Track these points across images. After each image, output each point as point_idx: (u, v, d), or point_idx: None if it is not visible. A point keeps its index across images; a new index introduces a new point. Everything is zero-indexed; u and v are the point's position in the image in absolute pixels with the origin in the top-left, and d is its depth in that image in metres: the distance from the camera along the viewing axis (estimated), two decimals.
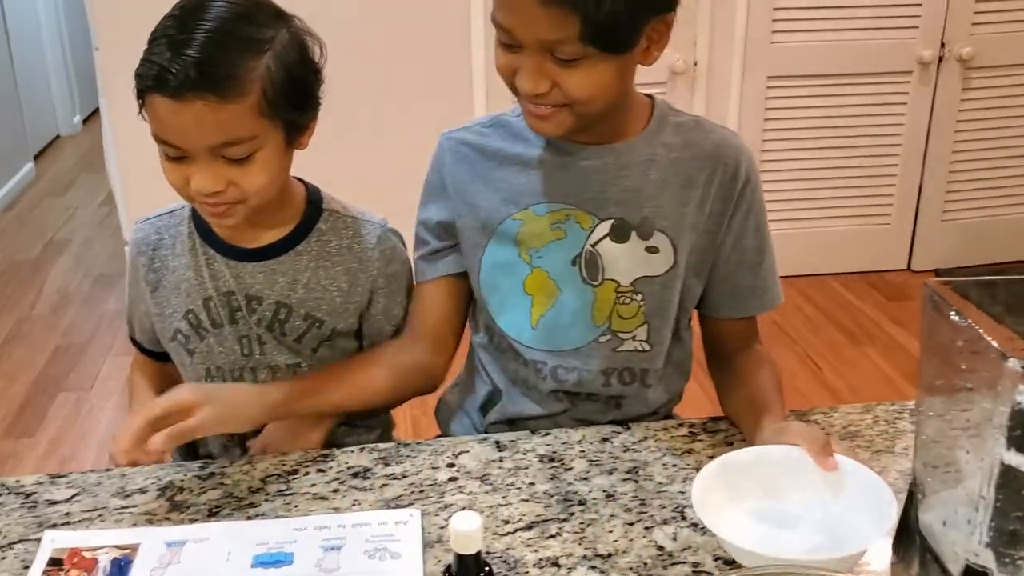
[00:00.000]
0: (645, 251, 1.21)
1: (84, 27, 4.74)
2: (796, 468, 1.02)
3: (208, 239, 1.25)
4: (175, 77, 1.07)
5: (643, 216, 1.21)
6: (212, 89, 1.08)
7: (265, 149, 1.14)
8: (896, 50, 3.29)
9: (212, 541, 1.05)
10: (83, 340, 3.27)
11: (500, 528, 1.05)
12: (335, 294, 1.25)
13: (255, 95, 1.11)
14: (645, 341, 1.25)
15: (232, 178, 1.13)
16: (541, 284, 1.24)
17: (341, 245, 1.26)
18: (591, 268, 1.22)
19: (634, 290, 1.22)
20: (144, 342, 1.37)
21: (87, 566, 1.02)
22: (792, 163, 3.38)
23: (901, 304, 3.39)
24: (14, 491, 1.14)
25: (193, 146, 1.11)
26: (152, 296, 1.28)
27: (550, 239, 1.22)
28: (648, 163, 1.21)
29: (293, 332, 1.25)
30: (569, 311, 1.23)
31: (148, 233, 1.29)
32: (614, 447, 1.20)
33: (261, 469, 1.17)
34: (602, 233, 1.21)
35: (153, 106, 1.11)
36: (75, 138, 5.68)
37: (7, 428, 2.76)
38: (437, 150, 1.30)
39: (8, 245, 4.13)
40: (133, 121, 1.17)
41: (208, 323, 1.25)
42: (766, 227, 1.28)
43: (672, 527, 1.05)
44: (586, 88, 1.09)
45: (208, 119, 1.09)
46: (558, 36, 1.05)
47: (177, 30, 1.10)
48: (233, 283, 1.24)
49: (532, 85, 1.09)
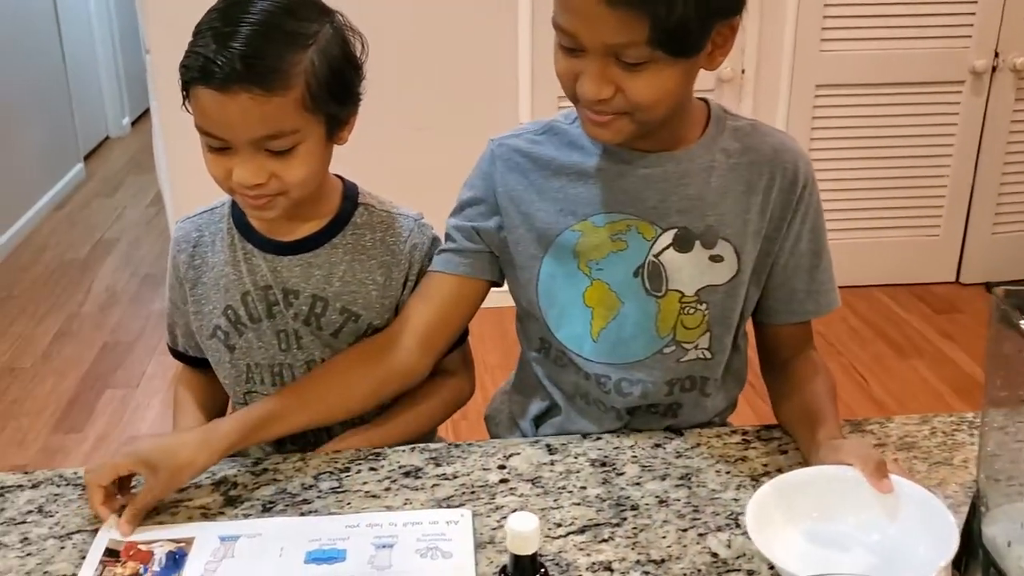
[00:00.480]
0: (709, 260, 1.19)
1: (134, 30, 4.82)
2: (852, 489, 1.00)
3: (246, 233, 1.26)
4: (221, 69, 1.08)
5: (707, 224, 1.19)
6: (257, 82, 1.09)
7: (307, 143, 1.15)
8: (948, 59, 3.25)
9: (265, 536, 1.06)
10: (130, 338, 3.32)
11: (552, 531, 1.05)
12: (371, 287, 1.26)
13: (299, 89, 1.12)
14: (707, 349, 1.23)
15: (274, 170, 1.14)
16: (602, 296, 1.22)
17: (375, 238, 1.27)
18: (654, 279, 1.20)
19: (698, 300, 1.20)
20: (188, 349, 1.37)
21: (143, 558, 1.03)
22: (840, 172, 3.35)
23: (949, 317, 3.34)
24: (72, 482, 1.15)
25: (237, 138, 1.12)
26: (191, 293, 1.29)
27: (610, 250, 1.20)
28: (708, 170, 1.19)
29: (330, 326, 1.25)
30: (632, 323, 1.21)
31: (189, 230, 1.30)
32: (667, 453, 1.19)
33: (314, 466, 1.18)
34: (665, 243, 1.19)
35: (198, 98, 1.11)
36: (124, 139, 5.77)
37: (56, 423, 2.81)
38: (487, 157, 1.26)
39: (58, 244, 4.20)
40: (183, 123, 1.18)
41: (246, 318, 1.26)
42: (823, 230, 1.26)
43: (726, 534, 1.04)
44: (650, 93, 1.07)
45: (253, 112, 1.10)
46: (625, 40, 1.03)
47: (222, 23, 1.11)
48: (270, 276, 1.24)
49: (595, 90, 1.07)
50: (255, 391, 1.29)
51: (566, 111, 1.25)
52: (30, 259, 4.03)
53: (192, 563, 1.02)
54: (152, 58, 3.03)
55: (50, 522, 1.08)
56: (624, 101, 1.08)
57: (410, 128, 3.12)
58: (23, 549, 1.04)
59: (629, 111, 1.09)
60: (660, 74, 1.06)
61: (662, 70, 1.06)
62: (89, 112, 5.34)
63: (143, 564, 1.02)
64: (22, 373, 3.09)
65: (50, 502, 1.12)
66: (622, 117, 1.10)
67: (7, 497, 1.13)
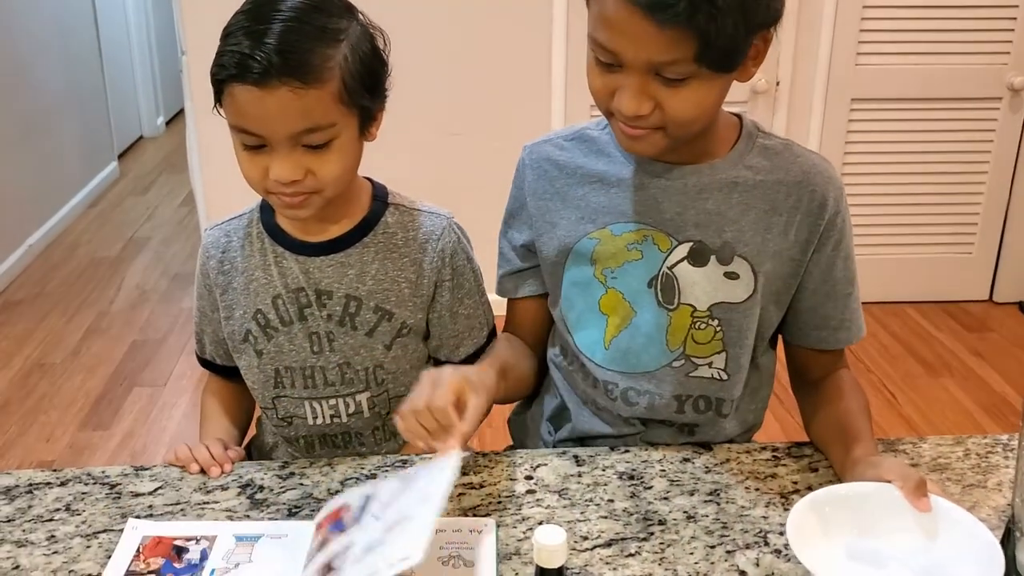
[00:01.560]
0: (724, 276, 1.18)
1: (171, 31, 4.86)
2: (891, 506, 0.99)
3: (276, 236, 1.26)
4: (259, 64, 1.08)
5: (724, 240, 1.18)
6: (296, 75, 1.09)
7: (342, 137, 1.15)
8: (986, 75, 3.21)
9: (289, 538, 1.06)
10: (159, 337, 3.34)
11: (579, 544, 1.04)
12: (403, 285, 1.26)
13: (335, 82, 1.12)
14: (723, 370, 1.22)
15: (310, 167, 1.14)
16: (616, 305, 1.22)
17: (407, 237, 1.26)
18: (667, 291, 1.20)
19: (710, 315, 1.19)
20: (217, 357, 1.36)
21: (165, 551, 1.04)
22: (873, 187, 3.32)
23: (982, 335, 3.30)
24: (100, 481, 1.16)
25: (275, 133, 1.12)
26: (221, 299, 1.29)
27: (626, 259, 1.20)
28: (732, 186, 1.18)
29: (364, 325, 1.25)
30: (643, 333, 1.21)
31: (218, 236, 1.30)
32: (695, 468, 1.18)
33: (340, 471, 1.18)
34: (680, 256, 1.19)
35: (234, 95, 1.11)
36: (157, 139, 5.82)
37: (84, 419, 2.83)
38: (519, 164, 1.30)
39: (91, 241, 4.24)
40: (216, 123, 1.18)
41: (277, 321, 1.25)
42: (854, 258, 1.25)
43: (755, 552, 1.03)
44: (689, 109, 1.07)
45: (292, 105, 1.10)
46: (672, 57, 1.02)
47: (254, 21, 1.11)
48: (303, 278, 1.24)
49: (635, 107, 1.06)
50: (284, 395, 1.29)
51: (598, 119, 1.25)
52: (62, 256, 4.07)
53: (214, 559, 1.03)
54: (188, 59, 3.05)
55: (77, 520, 1.09)
56: (661, 116, 1.08)
57: (444, 133, 3.12)
58: (49, 547, 1.04)
59: (664, 126, 1.09)
60: (700, 89, 1.06)
61: (702, 85, 1.05)
62: (124, 111, 5.40)
63: (164, 558, 1.03)
64: (52, 369, 3.11)
65: (77, 500, 1.12)
66: (657, 131, 1.10)
67: (35, 495, 1.13)
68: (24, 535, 1.06)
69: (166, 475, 1.17)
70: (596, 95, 1.12)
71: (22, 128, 4.01)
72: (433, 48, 2.98)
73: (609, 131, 1.23)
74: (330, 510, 1.06)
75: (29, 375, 3.08)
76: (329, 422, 1.29)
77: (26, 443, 2.71)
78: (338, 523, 1.03)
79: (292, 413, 1.29)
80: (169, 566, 1.02)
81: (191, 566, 1.02)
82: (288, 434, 1.32)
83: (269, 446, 1.37)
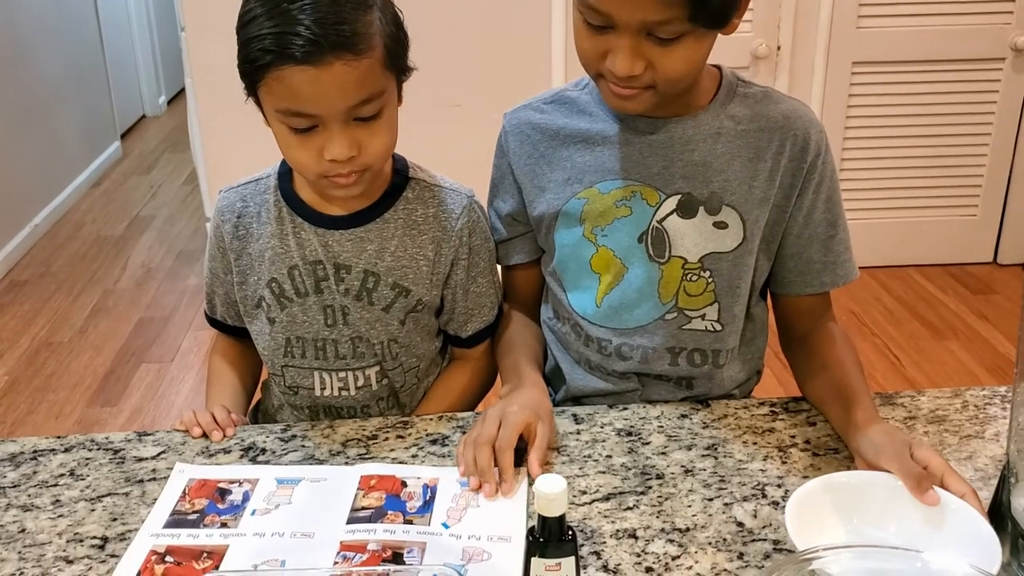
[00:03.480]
0: (713, 227, 1.19)
1: (170, 9, 4.85)
2: (893, 496, 0.98)
3: (295, 207, 1.25)
4: (309, 42, 1.05)
5: (711, 191, 1.19)
6: (348, 47, 1.06)
7: (389, 105, 1.14)
8: (988, 36, 3.19)
9: (328, 482, 1.09)
10: (165, 314, 3.35)
11: (577, 499, 1.05)
12: (422, 263, 1.25)
13: (379, 48, 1.10)
14: (716, 321, 1.23)
15: (361, 141, 1.12)
16: (608, 263, 1.23)
17: (427, 214, 1.26)
18: (658, 245, 1.20)
19: (702, 267, 1.20)
20: (227, 318, 1.36)
21: (209, 493, 1.07)
22: (876, 151, 3.31)
23: (986, 298, 3.30)
24: (103, 447, 1.17)
25: (332, 110, 1.09)
26: (236, 264, 1.28)
27: (615, 216, 1.21)
28: (715, 136, 1.19)
29: (381, 301, 1.25)
30: (635, 288, 1.22)
31: (233, 200, 1.28)
32: (692, 423, 1.19)
33: (342, 433, 1.19)
34: (669, 209, 1.20)
35: (282, 79, 1.07)
36: (160, 118, 5.82)
37: (92, 396, 2.85)
38: (501, 133, 1.30)
39: (95, 220, 4.25)
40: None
41: (292, 292, 1.25)
42: (838, 200, 1.24)
43: (752, 504, 1.03)
44: (681, 66, 1.07)
45: (348, 77, 1.07)
46: (665, 16, 1.02)
47: (279, 1, 1.07)
48: (321, 251, 1.23)
49: (628, 67, 1.06)
50: (294, 364, 1.29)
51: (576, 80, 1.26)
52: (67, 235, 4.08)
53: (255, 501, 1.06)
54: (187, 36, 3.05)
55: (81, 485, 1.10)
56: (652, 75, 1.08)
57: (445, 104, 3.11)
58: (55, 511, 1.06)
59: (655, 84, 1.09)
60: (692, 46, 1.06)
61: (694, 42, 1.06)
62: (126, 91, 5.39)
63: (208, 499, 1.06)
64: (59, 347, 3.13)
65: (81, 466, 1.13)
66: (647, 90, 1.10)
67: (40, 461, 1.15)
68: (29, 500, 1.08)
69: (169, 440, 1.18)
70: (585, 57, 1.12)
71: (24, 109, 4.01)
72: (433, 19, 2.96)
73: (589, 91, 1.24)
74: (381, 472, 1.09)
75: (37, 354, 3.10)
76: (337, 394, 1.30)
77: (35, 421, 2.73)
78: (398, 501, 1.05)
79: (299, 383, 1.30)
80: (213, 506, 1.05)
81: (233, 507, 1.05)
82: (294, 402, 1.33)
83: (275, 407, 1.38)
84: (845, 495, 0.99)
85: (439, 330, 1.34)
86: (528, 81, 3.10)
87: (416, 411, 1.33)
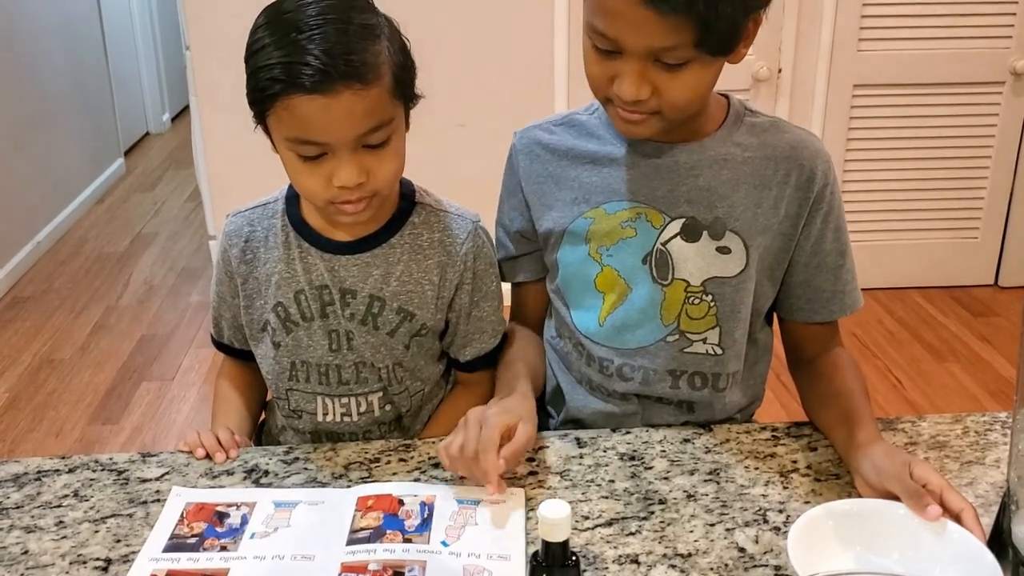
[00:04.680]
0: (716, 251, 1.20)
1: (175, 27, 4.88)
2: (896, 524, 0.98)
3: (302, 231, 1.25)
4: (319, 72, 1.05)
5: (715, 216, 1.20)
6: (358, 77, 1.07)
7: (398, 132, 1.15)
8: (988, 59, 3.21)
9: (326, 505, 1.09)
10: (167, 331, 3.36)
11: (580, 524, 1.05)
12: (427, 288, 1.26)
13: (388, 77, 1.12)
14: (717, 344, 1.23)
15: (370, 167, 1.13)
16: (612, 282, 1.24)
17: (433, 239, 1.26)
18: (661, 267, 1.21)
19: (704, 290, 1.21)
20: (235, 341, 1.36)
21: (207, 516, 1.07)
22: (877, 173, 3.32)
23: (988, 320, 3.30)
24: (107, 468, 1.17)
25: (341, 138, 1.10)
26: (243, 288, 1.29)
27: (620, 237, 1.22)
28: (721, 162, 1.20)
29: (386, 325, 1.25)
30: (637, 309, 1.23)
31: (240, 225, 1.29)
32: (695, 448, 1.19)
33: (344, 456, 1.19)
34: (673, 232, 1.21)
35: (291, 108, 1.08)
36: (163, 135, 5.85)
37: (93, 414, 2.85)
38: (511, 151, 1.31)
39: (98, 237, 4.26)
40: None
41: (298, 316, 1.26)
42: (845, 230, 1.26)
43: (754, 529, 1.04)
44: (687, 93, 1.09)
45: (357, 107, 1.08)
46: (671, 43, 1.03)
47: (286, 30, 1.08)
48: (328, 276, 1.24)
49: (635, 91, 1.08)
50: (298, 388, 1.29)
51: (587, 104, 1.28)
52: (70, 252, 4.09)
53: (254, 524, 1.06)
54: (192, 54, 3.07)
55: (85, 506, 1.10)
56: (658, 101, 1.10)
57: (450, 124, 3.13)
58: (58, 532, 1.06)
59: (661, 110, 1.11)
60: (698, 73, 1.08)
61: (700, 69, 1.08)
62: (130, 108, 5.42)
63: (206, 523, 1.06)
64: (60, 365, 3.14)
65: (86, 487, 1.14)
66: (654, 115, 1.12)
67: (44, 481, 1.15)
68: (33, 521, 1.08)
69: (172, 461, 1.18)
70: (594, 82, 1.13)
71: (28, 126, 4.04)
72: (439, 41, 2.98)
73: (597, 115, 1.26)
74: (377, 492, 1.09)
75: (39, 371, 3.10)
76: (339, 420, 1.30)
77: (36, 439, 2.74)
78: (396, 520, 1.05)
79: (303, 407, 1.30)
80: (212, 530, 1.05)
81: (232, 530, 1.05)
82: (296, 426, 1.33)
83: (279, 428, 1.38)
84: (848, 522, 0.99)
85: (442, 353, 1.35)
86: (532, 102, 3.12)
87: (420, 435, 1.33)
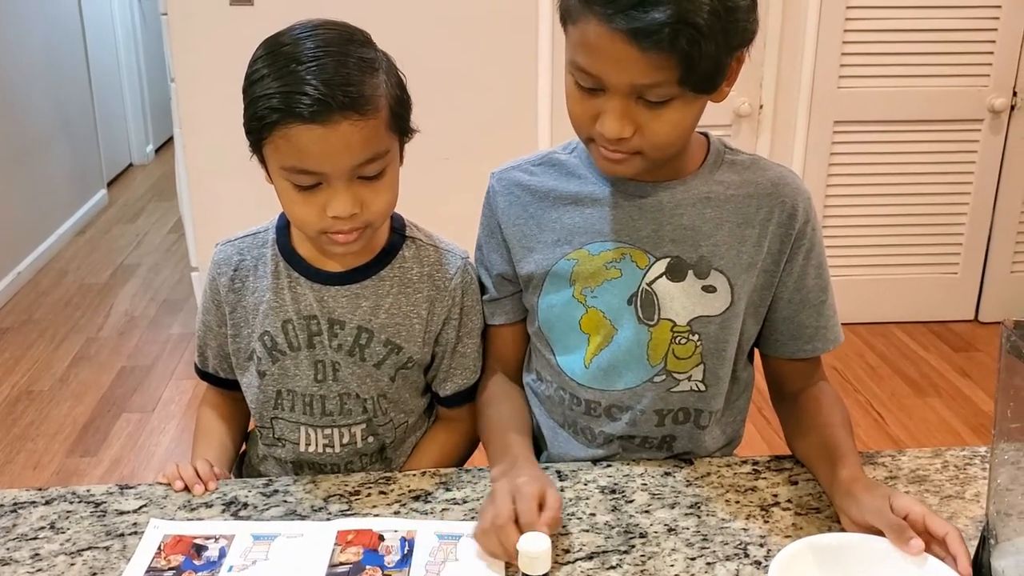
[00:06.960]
0: (702, 290, 1.20)
1: (160, 60, 4.89)
2: (877, 559, 0.98)
3: (292, 262, 1.25)
4: (317, 102, 1.07)
5: (700, 255, 1.19)
6: (355, 108, 1.09)
7: (392, 164, 1.16)
8: (967, 97, 3.25)
9: (305, 538, 1.08)
10: (147, 363, 3.34)
11: (561, 557, 1.04)
12: (415, 321, 1.26)
13: (385, 109, 1.13)
14: (701, 382, 1.23)
15: (364, 199, 1.14)
16: (597, 323, 1.23)
17: (423, 273, 1.27)
18: (647, 307, 1.21)
19: (691, 330, 1.21)
20: (220, 371, 1.36)
21: (184, 549, 1.06)
22: (857, 209, 3.35)
23: (968, 355, 3.32)
24: (84, 500, 1.16)
25: (337, 168, 1.11)
26: (230, 317, 1.29)
27: (605, 278, 1.21)
28: (704, 201, 1.20)
29: (373, 357, 1.25)
30: (624, 350, 1.22)
31: (230, 254, 1.29)
32: (676, 481, 1.19)
33: (324, 488, 1.18)
34: (658, 272, 1.20)
35: (289, 137, 1.09)
36: (147, 167, 5.83)
37: (71, 446, 2.82)
38: (489, 192, 1.30)
39: (79, 268, 4.24)
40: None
41: (284, 345, 1.25)
42: (826, 266, 1.26)
43: (735, 563, 1.03)
44: (670, 130, 1.09)
45: (354, 138, 1.10)
46: (655, 80, 1.03)
47: (285, 62, 1.09)
48: (316, 307, 1.24)
49: (618, 129, 1.07)
50: (282, 417, 1.29)
51: (564, 143, 1.27)
52: (51, 283, 4.07)
53: (232, 557, 1.05)
54: (177, 86, 3.08)
55: (61, 539, 1.09)
56: (640, 140, 1.09)
57: (435, 158, 3.14)
58: (33, 565, 1.05)
59: (642, 150, 1.11)
60: (680, 111, 1.08)
61: (683, 107, 1.07)
62: (113, 139, 5.41)
63: (184, 556, 1.05)
64: (39, 396, 3.11)
65: (62, 519, 1.13)
66: (636, 155, 1.12)
67: (20, 513, 1.14)
68: (8, 553, 1.07)
69: (151, 493, 1.17)
70: (576, 120, 1.13)
71: (11, 155, 4.02)
72: (425, 75, 2.99)
73: (577, 154, 1.25)
74: (358, 527, 1.09)
75: (16, 403, 3.07)
76: (321, 451, 1.29)
77: (13, 471, 2.70)
78: (375, 555, 1.04)
79: (287, 436, 1.30)
80: (189, 563, 1.04)
81: (210, 563, 1.04)
82: (278, 454, 1.32)
83: (259, 458, 1.37)
84: (829, 557, 0.99)
85: (427, 386, 1.35)
86: (515, 137, 3.14)
87: (402, 467, 1.33)
